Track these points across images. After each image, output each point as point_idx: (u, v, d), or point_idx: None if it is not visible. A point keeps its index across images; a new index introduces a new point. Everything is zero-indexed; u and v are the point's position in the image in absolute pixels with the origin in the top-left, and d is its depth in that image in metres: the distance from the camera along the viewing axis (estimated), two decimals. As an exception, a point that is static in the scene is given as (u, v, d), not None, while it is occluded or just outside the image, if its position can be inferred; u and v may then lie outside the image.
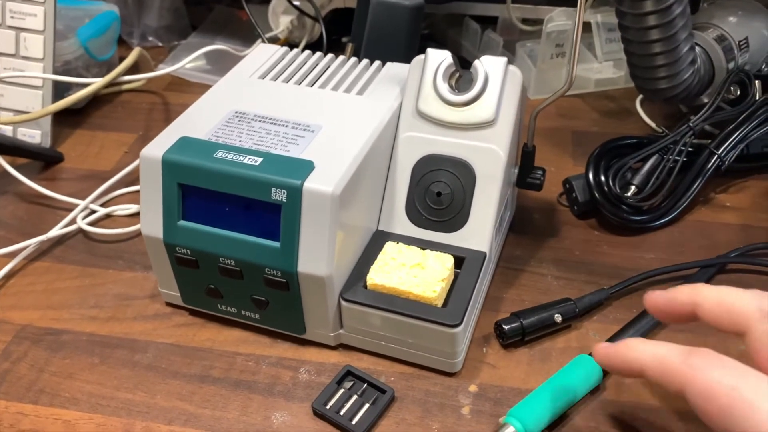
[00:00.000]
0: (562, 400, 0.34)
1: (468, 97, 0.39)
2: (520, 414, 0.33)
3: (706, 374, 0.26)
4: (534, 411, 0.33)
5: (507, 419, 0.33)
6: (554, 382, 0.35)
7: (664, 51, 0.46)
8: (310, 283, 0.35)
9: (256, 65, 0.45)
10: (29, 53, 0.54)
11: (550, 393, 0.34)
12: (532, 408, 0.34)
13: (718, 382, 0.26)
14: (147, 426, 0.35)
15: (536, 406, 0.34)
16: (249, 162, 0.35)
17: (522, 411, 0.33)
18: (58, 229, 0.47)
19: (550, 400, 0.34)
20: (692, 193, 0.47)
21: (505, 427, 0.33)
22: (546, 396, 0.34)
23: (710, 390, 0.26)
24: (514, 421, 0.33)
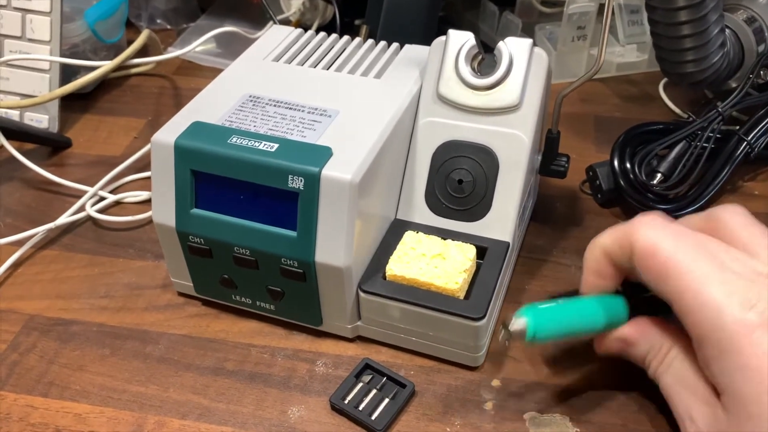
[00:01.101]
0: (581, 322, 0.32)
1: (491, 81, 0.37)
2: (536, 314, 0.31)
3: (650, 233, 0.29)
4: (549, 318, 0.31)
5: (522, 312, 0.31)
6: (578, 303, 0.33)
7: (693, 33, 0.44)
8: (328, 273, 0.34)
9: (269, 47, 0.43)
10: (35, 35, 0.53)
11: (570, 310, 0.32)
12: (549, 314, 0.31)
13: (659, 243, 0.28)
14: (160, 420, 0.34)
15: (553, 314, 0.32)
16: (264, 148, 0.34)
17: (538, 312, 0.31)
18: (67, 217, 0.46)
19: (569, 316, 0.32)
20: (720, 181, 0.45)
21: (517, 319, 0.31)
22: (566, 311, 0.32)
23: (652, 249, 0.28)
24: (528, 317, 0.31)
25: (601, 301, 0.33)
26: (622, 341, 0.32)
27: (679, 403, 0.29)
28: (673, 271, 0.28)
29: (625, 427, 0.33)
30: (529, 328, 0.31)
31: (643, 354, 0.32)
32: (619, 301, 0.33)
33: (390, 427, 0.33)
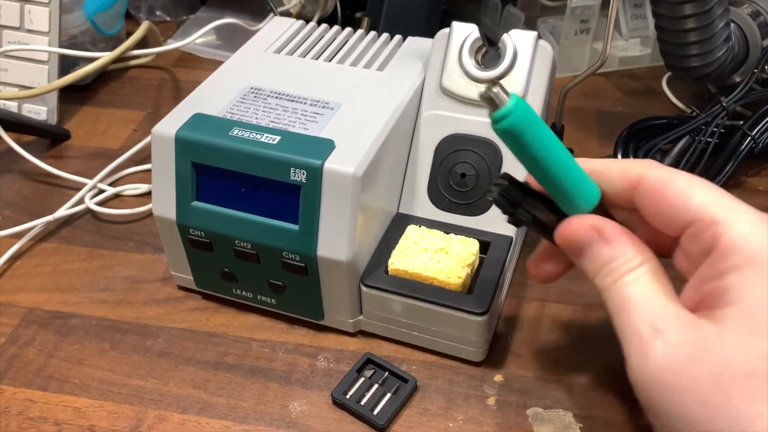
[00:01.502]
0: (557, 154, 0.26)
1: (495, 74, 0.37)
2: (524, 104, 0.25)
3: (659, 169, 0.27)
4: (534, 118, 0.26)
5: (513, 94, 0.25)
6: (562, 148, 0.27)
7: (697, 27, 0.44)
8: (330, 267, 0.34)
9: (270, 39, 0.43)
10: (34, 26, 0.52)
11: (555, 140, 0.27)
12: (535, 117, 0.26)
13: (674, 174, 0.27)
14: (160, 414, 0.34)
15: (539, 122, 0.26)
16: (266, 140, 0.33)
17: (526, 106, 0.25)
18: (66, 209, 0.45)
19: (551, 138, 0.26)
20: (724, 177, 0.45)
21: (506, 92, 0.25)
22: (551, 135, 0.26)
23: (668, 177, 0.27)
24: (518, 99, 0.25)
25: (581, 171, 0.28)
26: (597, 231, 0.27)
27: (641, 315, 0.25)
28: (694, 191, 0.26)
29: (629, 423, 0.33)
30: (514, 103, 0.25)
31: (610, 258, 0.27)
32: (596, 188, 0.28)
33: (392, 422, 0.33)
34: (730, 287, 0.24)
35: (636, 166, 0.28)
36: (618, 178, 0.28)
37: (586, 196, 0.28)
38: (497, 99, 0.25)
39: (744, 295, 0.24)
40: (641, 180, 0.27)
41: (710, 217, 0.25)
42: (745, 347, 0.23)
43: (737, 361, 0.23)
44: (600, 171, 0.28)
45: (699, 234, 0.26)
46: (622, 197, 0.28)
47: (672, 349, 0.24)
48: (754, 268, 0.24)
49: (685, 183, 0.26)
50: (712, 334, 0.24)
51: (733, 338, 0.23)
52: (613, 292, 0.26)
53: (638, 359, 0.24)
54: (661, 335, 0.24)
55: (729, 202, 0.26)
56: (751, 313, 0.23)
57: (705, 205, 0.26)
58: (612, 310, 0.26)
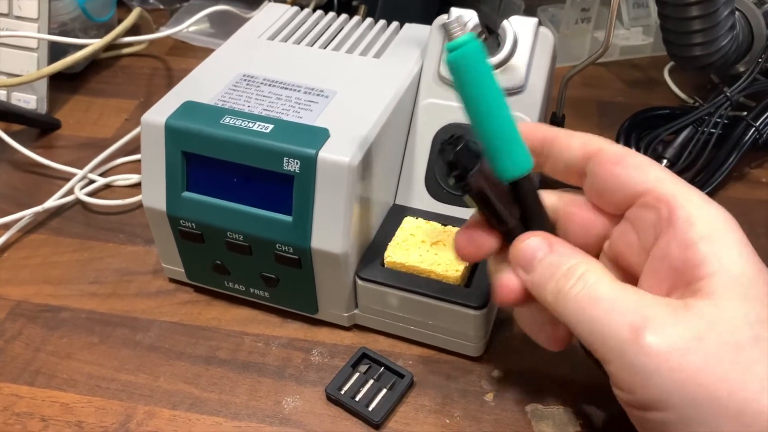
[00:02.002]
0: (498, 98, 0.26)
1: (495, 61, 0.36)
2: (477, 44, 0.25)
3: (619, 146, 0.28)
4: (483, 57, 0.25)
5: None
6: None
7: (702, 15, 0.43)
8: (324, 260, 0.33)
9: (264, 26, 0.42)
10: (23, 13, 0.51)
11: (498, 91, 0.26)
12: (484, 57, 0.25)
13: (630, 151, 0.28)
14: (150, 410, 0.33)
15: (486, 64, 0.25)
16: (259, 129, 0.32)
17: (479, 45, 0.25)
18: (55, 200, 0.44)
19: (495, 84, 0.26)
20: (727, 168, 0.44)
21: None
22: (495, 83, 0.26)
23: (625, 151, 0.27)
24: (473, 38, 0.25)
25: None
26: (548, 244, 0.27)
27: (621, 308, 0.24)
28: (650, 167, 0.27)
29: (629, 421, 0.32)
30: (468, 38, 0.25)
31: (559, 263, 0.26)
32: (529, 157, 0.27)
33: (388, 419, 0.32)
34: (704, 256, 0.24)
35: (598, 139, 0.28)
36: (578, 147, 0.28)
37: (517, 160, 0.26)
38: (454, 29, 0.25)
39: (721, 262, 0.23)
40: (600, 151, 0.27)
41: (666, 191, 0.25)
42: (744, 314, 0.23)
43: (741, 329, 0.22)
44: (560, 138, 0.28)
45: (654, 203, 0.26)
46: (577, 167, 0.28)
47: (671, 331, 0.23)
48: (719, 235, 0.24)
49: (643, 159, 0.27)
50: (707, 307, 0.23)
51: (730, 307, 0.23)
52: (576, 294, 0.25)
53: (632, 353, 0.23)
54: (652, 322, 0.23)
55: (682, 181, 0.26)
56: (737, 280, 0.23)
57: (661, 180, 0.26)
58: (576, 315, 0.25)
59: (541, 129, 0.29)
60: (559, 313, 0.25)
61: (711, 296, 0.23)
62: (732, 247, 0.24)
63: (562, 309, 0.25)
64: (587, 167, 0.28)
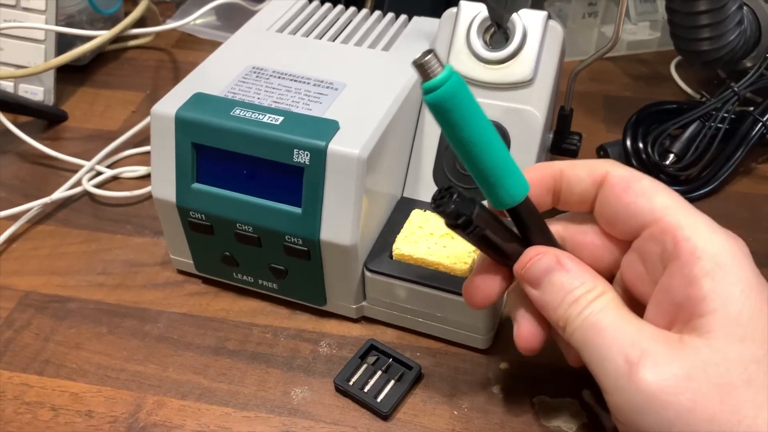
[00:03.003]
0: (486, 132, 0.25)
1: (504, 55, 0.36)
2: (459, 78, 0.24)
3: (624, 168, 0.27)
4: (467, 92, 0.24)
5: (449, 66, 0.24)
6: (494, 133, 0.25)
7: (710, 9, 0.43)
8: (333, 252, 0.33)
9: (273, 18, 0.42)
10: (30, 4, 0.51)
11: (486, 121, 0.25)
12: (467, 92, 0.24)
13: (639, 174, 0.27)
14: (159, 400, 0.33)
15: (471, 98, 0.24)
16: (269, 121, 0.32)
17: (461, 80, 0.24)
18: (63, 191, 0.44)
19: (482, 117, 0.24)
20: (734, 163, 0.44)
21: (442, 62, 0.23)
22: (482, 114, 0.25)
23: (634, 176, 0.27)
24: (453, 73, 0.23)
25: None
26: (556, 259, 0.27)
27: (620, 340, 0.24)
28: (656, 193, 0.26)
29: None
30: (446, 74, 0.23)
31: (571, 286, 0.26)
32: (525, 184, 0.26)
33: (396, 410, 0.32)
34: (706, 293, 0.24)
35: (602, 164, 0.28)
36: (585, 175, 0.28)
37: (512, 189, 0.26)
38: (429, 68, 0.23)
39: (722, 300, 0.23)
40: (607, 177, 0.27)
41: (673, 220, 0.25)
42: (737, 355, 0.23)
43: (734, 370, 0.22)
44: (566, 171, 0.28)
45: (659, 235, 0.25)
46: (589, 196, 0.28)
47: (665, 369, 0.23)
48: (723, 272, 0.24)
49: (649, 184, 0.26)
50: (702, 347, 0.23)
51: (724, 348, 0.23)
52: (582, 321, 0.25)
53: (626, 386, 0.23)
54: (647, 357, 0.23)
55: (689, 208, 0.26)
56: (734, 320, 0.23)
57: (668, 208, 0.25)
58: (582, 342, 0.25)
59: (545, 168, 0.29)
60: (567, 336, 0.26)
61: (707, 335, 0.23)
62: (735, 284, 0.23)
63: (569, 334, 0.26)
64: (598, 198, 0.27)
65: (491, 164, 0.25)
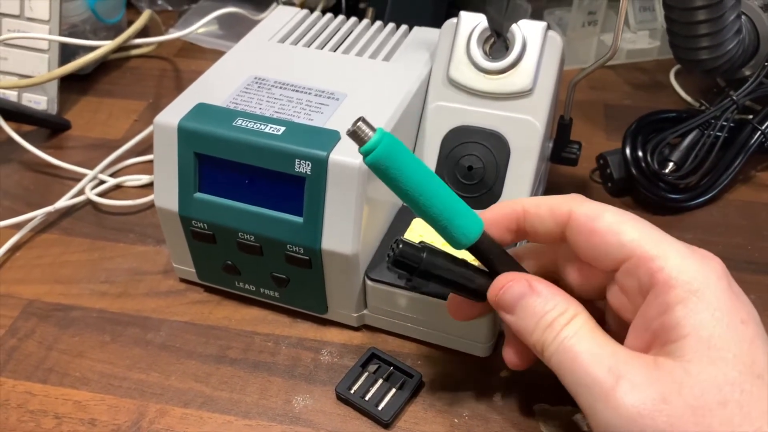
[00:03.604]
0: (427, 182, 0.26)
1: (504, 65, 0.36)
2: (391, 138, 0.26)
3: (591, 204, 0.27)
4: (402, 150, 0.26)
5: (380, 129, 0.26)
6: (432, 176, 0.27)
7: (708, 19, 0.43)
8: (335, 260, 0.33)
9: (274, 28, 0.42)
10: (34, 14, 0.51)
11: (424, 170, 0.26)
12: (403, 150, 0.26)
13: (605, 210, 0.27)
14: (161, 408, 0.33)
15: (406, 154, 0.26)
16: (271, 131, 0.33)
17: (393, 140, 0.26)
18: (66, 200, 0.45)
19: (420, 169, 0.26)
20: (733, 171, 0.44)
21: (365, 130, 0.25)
22: (420, 165, 0.26)
23: (598, 212, 0.27)
24: (384, 134, 0.25)
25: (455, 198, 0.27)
26: (528, 284, 0.27)
27: (596, 365, 0.24)
28: (623, 226, 0.26)
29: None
30: (378, 138, 0.25)
31: (543, 310, 0.26)
32: (478, 222, 0.28)
33: (397, 418, 0.32)
34: (678, 320, 0.24)
35: (564, 202, 0.28)
36: (548, 216, 0.28)
37: (465, 229, 0.27)
38: (362, 134, 0.25)
39: (694, 326, 0.24)
40: (570, 216, 0.27)
41: (644, 253, 0.25)
42: (711, 377, 0.23)
43: (709, 392, 0.23)
44: (529, 211, 0.28)
45: (634, 270, 0.26)
46: (556, 234, 0.28)
47: (640, 392, 0.23)
48: (696, 298, 0.24)
49: (614, 219, 0.26)
50: (676, 369, 0.23)
51: (698, 370, 0.23)
52: (558, 346, 0.26)
53: (604, 410, 0.24)
54: (623, 380, 0.24)
55: (659, 236, 0.26)
56: (706, 343, 0.23)
57: (637, 241, 0.26)
58: (559, 367, 0.26)
59: (505, 208, 0.29)
60: (545, 360, 0.27)
61: (681, 359, 0.24)
62: (707, 308, 0.24)
63: (548, 359, 0.26)
64: (566, 234, 0.28)
65: (439, 210, 0.26)
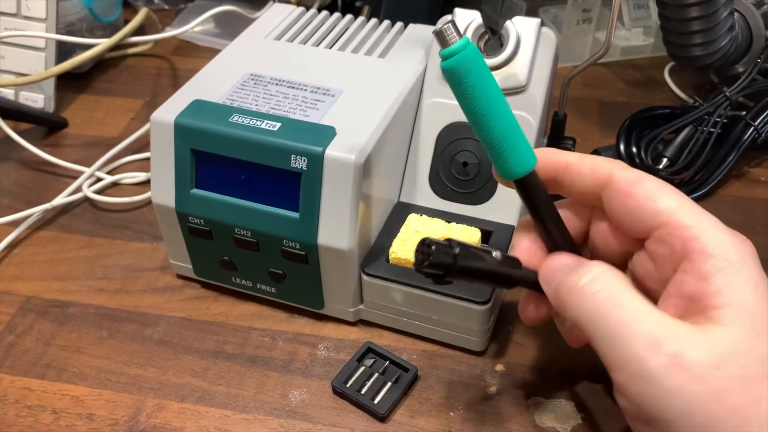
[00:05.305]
0: (500, 104, 0.26)
1: (498, 61, 0.37)
2: (474, 49, 0.25)
3: (628, 170, 0.27)
4: (482, 63, 0.25)
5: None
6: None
7: (701, 16, 0.44)
8: (331, 256, 0.34)
9: (270, 26, 0.42)
10: (31, 13, 0.52)
11: (499, 93, 0.26)
12: (483, 63, 0.25)
13: (644, 176, 0.27)
14: (159, 403, 0.33)
15: (485, 68, 0.26)
16: (267, 127, 0.33)
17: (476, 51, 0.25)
18: (63, 197, 0.45)
19: (496, 89, 0.26)
20: (726, 167, 0.45)
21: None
22: (496, 85, 0.26)
23: (638, 178, 0.26)
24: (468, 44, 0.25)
25: None
26: (569, 257, 0.28)
27: (641, 328, 0.23)
28: (661, 194, 0.26)
29: (631, 413, 0.33)
30: (463, 43, 0.25)
31: (583, 273, 0.26)
32: (533, 155, 0.27)
33: (393, 411, 0.33)
34: (719, 287, 0.24)
35: (607, 164, 0.28)
36: (589, 173, 0.28)
37: (522, 158, 0.27)
38: (448, 35, 0.24)
39: (735, 295, 0.24)
40: (610, 178, 0.27)
41: (680, 222, 0.25)
42: (757, 350, 0.23)
43: (756, 364, 0.22)
44: (572, 165, 0.28)
45: (667, 237, 0.25)
46: (592, 194, 0.28)
47: (693, 354, 0.22)
48: (734, 269, 0.24)
49: (653, 186, 0.26)
50: (723, 337, 0.23)
51: (742, 341, 0.23)
52: (597, 292, 0.25)
53: (651, 368, 0.23)
54: (673, 339, 0.23)
55: (696, 207, 0.26)
56: (749, 315, 0.23)
57: (673, 210, 0.25)
58: (596, 318, 0.24)
59: (553, 155, 0.29)
60: (574, 309, 0.25)
61: (725, 327, 0.23)
62: (747, 282, 0.24)
63: (578, 305, 0.25)
64: (603, 195, 0.27)
65: (502, 132, 0.26)
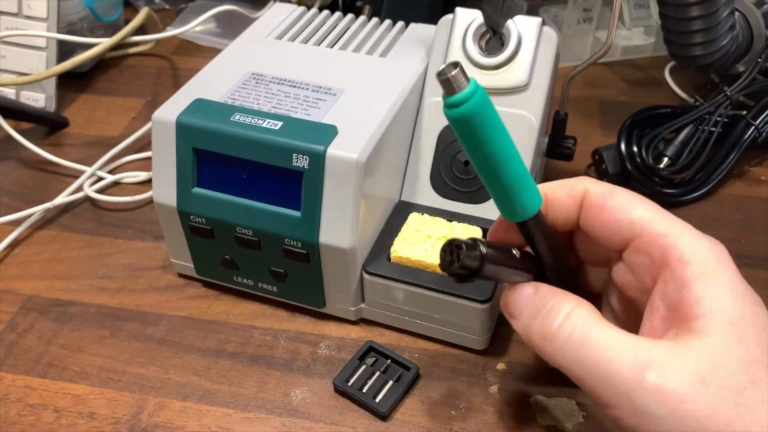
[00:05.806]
0: (507, 145, 0.24)
1: (499, 60, 0.37)
2: (482, 92, 0.23)
3: (600, 184, 0.27)
4: (491, 107, 0.23)
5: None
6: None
7: (702, 15, 0.44)
8: (332, 254, 0.34)
9: (272, 25, 0.42)
10: (32, 12, 0.52)
11: (508, 137, 0.24)
12: (491, 107, 0.23)
13: (617, 189, 0.27)
14: (160, 402, 0.33)
15: (494, 113, 0.23)
16: (268, 126, 0.33)
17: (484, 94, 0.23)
18: (65, 197, 0.45)
19: (504, 132, 0.24)
20: (727, 166, 0.45)
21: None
22: (504, 129, 0.24)
23: (611, 191, 0.27)
24: (478, 86, 0.22)
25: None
26: (534, 288, 0.27)
27: (620, 354, 0.23)
28: (633, 205, 0.26)
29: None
30: (472, 89, 0.22)
31: (544, 303, 0.26)
32: (539, 195, 0.26)
33: (394, 410, 0.33)
34: (699, 295, 0.24)
35: (578, 182, 0.28)
36: (567, 197, 0.27)
37: (529, 201, 0.25)
38: (455, 83, 0.22)
39: (715, 301, 0.23)
40: (585, 195, 0.27)
41: (655, 231, 0.25)
42: (739, 356, 0.23)
43: (740, 371, 0.22)
44: (548, 195, 0.28)
45: (645, 247, 0.25)
46: (572, 220, 0.28)
47: (677, 376, 0.22)
48: (712, 275, 0.24)
49: (625, 197, 0.26)
50: (705, 349, 0.23)
51: (725, 349, 0.23)
52: (569, 337, 0.24)
53: (640, 397, 0.22)
54: (654, 366, 0.22)
55: (669, 216, 0.26)
56: (729, 320, 0.23)
57: (648, 219, 0.25)
58: (575, 361, 0.24)
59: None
60: (551, 357, 0.25)
61: (707, 338, 0.23)
62: (725, 285, 0.24)
63: (553, 352, 0.25)
64: (581, 218, 0.27)
65: (511, 177, 0.24)
